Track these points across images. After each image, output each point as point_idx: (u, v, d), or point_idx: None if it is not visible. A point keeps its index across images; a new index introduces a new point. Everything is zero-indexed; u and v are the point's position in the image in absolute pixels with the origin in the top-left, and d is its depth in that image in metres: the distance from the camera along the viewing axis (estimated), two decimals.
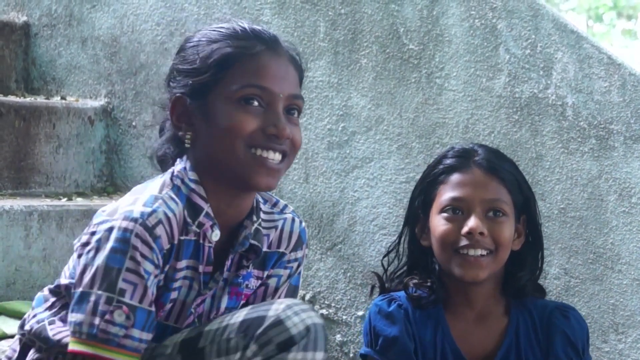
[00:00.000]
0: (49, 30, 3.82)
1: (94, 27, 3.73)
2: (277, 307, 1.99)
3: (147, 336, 1.98)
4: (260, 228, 2.14)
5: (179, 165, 2.07)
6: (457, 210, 2.50)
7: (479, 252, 2.48)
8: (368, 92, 3.27)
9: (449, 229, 2.49)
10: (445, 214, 2.51)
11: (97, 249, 1.96)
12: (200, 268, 2.08)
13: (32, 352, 2.13)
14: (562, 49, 3.04)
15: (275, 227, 2.18)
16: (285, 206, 2.22)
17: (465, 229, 2.47)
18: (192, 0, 3.54)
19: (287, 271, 2.22)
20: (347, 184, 3.30)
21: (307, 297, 3.35)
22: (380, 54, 3.26)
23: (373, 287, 2.72)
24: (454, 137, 3.15)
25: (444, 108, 3.18)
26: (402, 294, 2.59)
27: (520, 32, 3.08)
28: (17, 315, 2.86)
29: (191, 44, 2.09)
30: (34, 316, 2.14)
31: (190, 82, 2.04)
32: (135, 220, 1.96)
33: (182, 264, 2.05)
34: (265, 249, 2.16)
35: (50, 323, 2.10)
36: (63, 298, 2.13)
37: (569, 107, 3.03)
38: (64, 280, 2.12)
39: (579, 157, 3.02)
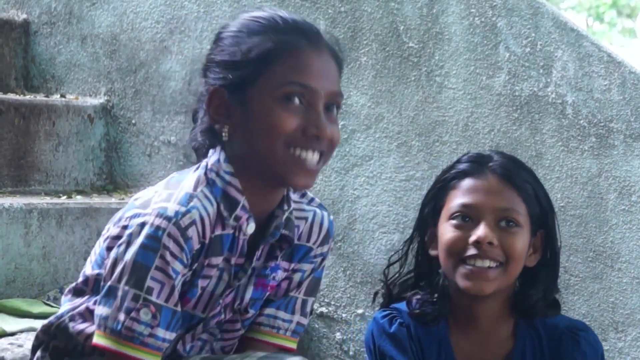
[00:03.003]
0: (49, 28, 3.82)
1: (94, 25, 3.73)
2: None
3: (171, 335, 1.97)
4: (292, 217, 2.10)
5: (213, 158, 2.02)
6: (467, 217, 2.34)
7: (487, 263, 2.31)
8: (368, 90, 3.27)
9: (456, 236, 2.33)
10: (453, 221, 2.35)
11: (128, 244, 1.94)
12: (233, 260, 2.05)
13: (39, 352, 2.11)
14: (562, 47, 3.04)
15: (305, 219, 2.14)
16: (313, 199, 2.17)
17: (473, 238, 2.31)
18: None
19: (311, 266, 2.18)
20: (347, 182, 3.30)
21: None
22: (380, 52, 3.26)
23: (376, 293, 2.58)
24: (454, 136, 3.15)
25: (444, 106, 3.18)
26: (403, 306, 2.43)
27: (520, 30, 3.08)
28: (17, 313, 2.86)
29: (229, 34, 2.03)
30: (60, 311, 2.10)
31: (230, 75, 1.99)
32: (169, 219, 1.93)
33: (219, 259, 2.02)
34: (296, 239, 2.12)
35: (71, 319, 2.07)
36: (85, 294, 2.08)
37: (569, 106, 3.03)
38: (89, 270, 2.07)
39: (578, 155, 3.02)
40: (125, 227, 1.97)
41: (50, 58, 3.82)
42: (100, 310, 1.95)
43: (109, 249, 1.99)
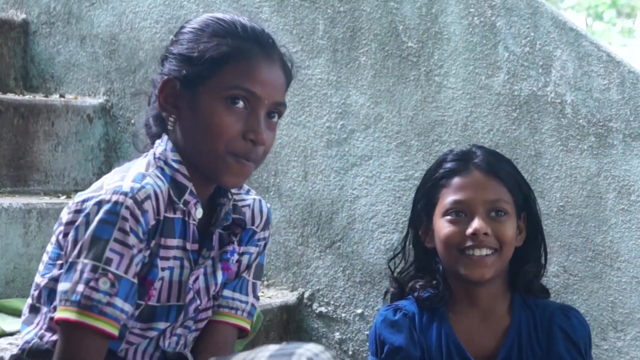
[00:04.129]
0: (48, 28, 3.82)
1: (93, 24, 3.73)
2: (302, 352, 2.05)
3: (129, 308, 2.03)
4: (237, 204, 2.23)
5: (160, 147, 2.13)
6: (460, 212, 2.57)
7: (484, 251, 2.55)
8: (367, 89, 3.27)
9: (453, 231, 2.57)
10: (448, 217, 2.58)
11: (87, 223, 2.01)
12: (188, 246, 2.13)
13: None
14: (561, 46, 3.04)
15: (248, 206, 2.26)
16: (249, 190, 2.30)
17: (469, 230, 2.54)
18: None
19: (257, 249, 2.29)
20: (346, 182, 3.30)
21: (306, 294, 3.35)
22: (379, 51, 3.26)
23: (387, 292, 2.78)
24: (453, 135, 3.14)
25: (443, 106, 3.18)
26: (407, 303, 2.64)
27: (519, 30, 3.08)
28: (16, 313, 2.85)
29: (190, 30, 2.16)
30: (23, 340, 2.14)
31: (184, 70, 2.11)
32: (125, 194, 2.01)
33: (173, 242, 2.10)
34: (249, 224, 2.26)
35: (41, 338, 2.11)
36: (40, 310, 2.13)
37: (568, 105, 3.03)
38: (39, 278, 2.13)
39: (578, 154, 3.02)
40: (78, 212, 2.04)
41: (49, 58, 3.82)
42: (61, 287, 2.01)
43: (66, 235, 2.05)
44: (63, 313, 1.99)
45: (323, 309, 3.33)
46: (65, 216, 2.09)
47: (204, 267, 2.17)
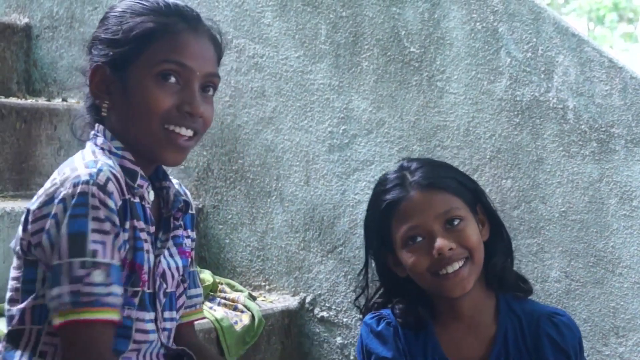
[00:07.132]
0: (51, 32, 3.82)
1: (95, 29, 3.73)
2: None
3: (122, 291, 2.00)
4: (177, 187, 2.22)
5: (100, 138, 2.10)
6: (417, 237, 2.45)
7: (457, 265, 2.44)
8: (369, 94, 3.28)
9: (418, 258, 2.45)
10: (408, 247, 2.46)
11: (57, 223, 1.96)
12: (151, 229, 2.11)
13: None
14: (563, 52, 3.04)
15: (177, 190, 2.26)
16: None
17: (434, 251, 2.42)
18: (193, 3, 3.54)
19: (194, 233, 2.29)
20: (348, 187, 3.30)
21: (308, 299, 3.35)
22: (382, 56, 3.26)
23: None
24: (455, 140, 3.15)
25: (445, 111, 3.18)
26: (389, 311, 2.56)
27: (521, 36, 3.08)
28: None
29: (114, 14, 2.13)
30: None
31: (111, 52, 2.09)
32: (87, 182, 1.96)
33: (142, 225, 2.07)
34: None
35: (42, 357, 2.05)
36: (25, 339, 2.06)
37: (570, 111, 3.03)
38: (23, 304, 2.05)
39: (580, 160, 3.02)
40: (44, 216, 1.99)
41: (52, 62, 3.82)
42: (53, 292, 1.95)
43: (36, 245, 2.00)
44: (63, 318, 1.95)
45: (325, 314, 3.33)
46: (23, 229, 2.03)
47: (163, 251, 2.15)
